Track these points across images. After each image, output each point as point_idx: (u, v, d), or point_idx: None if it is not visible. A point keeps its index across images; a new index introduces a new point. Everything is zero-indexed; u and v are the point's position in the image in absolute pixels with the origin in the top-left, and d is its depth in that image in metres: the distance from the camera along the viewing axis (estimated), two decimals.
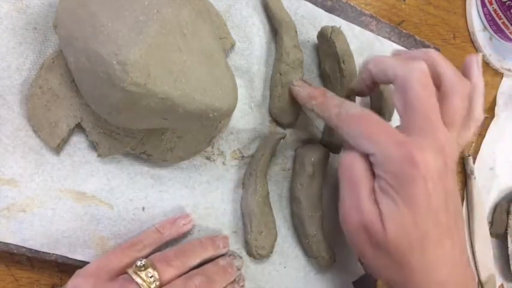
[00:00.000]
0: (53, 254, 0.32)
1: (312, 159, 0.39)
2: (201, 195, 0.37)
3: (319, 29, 0.41)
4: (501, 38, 0.57)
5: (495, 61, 0.58)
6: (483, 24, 0.57)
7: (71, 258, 0.32)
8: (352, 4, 0.45)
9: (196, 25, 0.28)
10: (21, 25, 0.31)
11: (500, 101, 0.59)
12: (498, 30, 0.56)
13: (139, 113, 0.27)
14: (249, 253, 0.38)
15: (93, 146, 0.33)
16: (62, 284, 0.34)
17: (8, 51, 0.30)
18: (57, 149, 0.31)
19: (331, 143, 0.41)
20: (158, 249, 0.33)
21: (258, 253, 0.37)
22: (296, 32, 0.39)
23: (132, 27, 0.25)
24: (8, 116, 0.31)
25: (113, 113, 0.28)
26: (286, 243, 0.41)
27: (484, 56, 0.57)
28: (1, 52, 0.30)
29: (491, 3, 0.55)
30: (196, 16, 0.28)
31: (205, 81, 0.28)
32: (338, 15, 0.43)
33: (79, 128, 0.32)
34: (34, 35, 0.31)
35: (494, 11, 0.55)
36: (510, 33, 0.55)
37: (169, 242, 0.35)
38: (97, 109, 0.29)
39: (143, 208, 0.35)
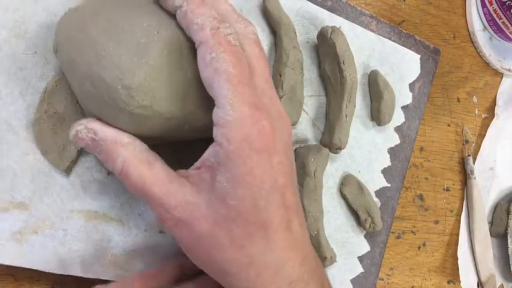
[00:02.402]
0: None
1: (312, 159, 0.39)
2: None
3: (319, 29, 0.41)
4: (501, 38, 0.57)
5: (495, 61, 0.58)
6: (483, 24, 0.57)
7: None
8: (352, 4, 0.45)
9: None
10: (21, 50, 0.31)
11: (500, 101, 0.59)
12: (498, 30, 0.56)
13: (146, 132, 0.27)
14: None
15: (101, 164, 0.32)
16: (62, 284, 0.34)
17: (9, 77, 0.30)
18: (67, 170, 0.31)
19: (331, 143, 0.41)
20: None
21: None
22: (295, 33, 0.39)
23: (134, 50, 0.25)
24: (14, 141, 0.31)
25: None
26: None
27: (484, 56, 0.57)
28: (3, 79, 0.30)
29: (491, 3, 0.55)
30: None
31: (210, 98, 0.28)
32: (338, 15, 0.43)
33: None
34: (35, 59, 0.31)
35: (494, 11, 0.55)
36: (510, 33, 0.55)
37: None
38: None
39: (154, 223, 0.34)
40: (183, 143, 0.34)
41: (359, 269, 0.45)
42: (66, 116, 0.31)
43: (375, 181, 0.46)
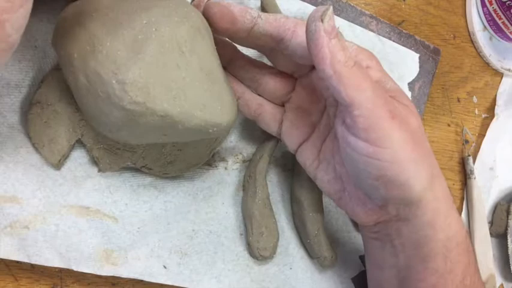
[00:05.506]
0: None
1: None
2: (203, 201, 0.37)
3: None
4: (501, 38, 0.57)
5: (495, 61, 0.58)
6: (483, 24, 0.57)
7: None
8: (352, 4, 0.45)
9: (195, 42, 0.28)
10: (21, 42, 0.30)
11: (500, 101, 0.59)
12: (498, 30, 0.56)
13: (139, 130, 0.27)
14: (252, 255, 0.38)
15: (94, 160, 0.33)
16: (62, 284, 0.34)
17: (7, 68, 0.30)
18: (58, 165, 0.31)
19: None
20: None
21: (260, 254, 0.37)
22: None
23: (131, 46, 0.25)
24: (8, 133, 0.31)
25: (113, 130, 0.28)
26: (291, 245, 0.41)
27: (484, 56, 0.57)
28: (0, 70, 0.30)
29: (491, 3, 0.55)
30: (195, 32, 0.28)
31: (205, 98, 0.28)
32: (338, 15, 0.43)
33: (79, 143, 0.32)
34: (33, 51, 0.31)
35: (494, 11, 0.55)
36: (510, 33, 0.55)
37: None
38: (97, 126, 0.29)
39: (148, 220, 0.34)
40: (177, 144, 0.34)
41: (360, 267, 0.45)
42: (61, 110, 0.31)
43: None
